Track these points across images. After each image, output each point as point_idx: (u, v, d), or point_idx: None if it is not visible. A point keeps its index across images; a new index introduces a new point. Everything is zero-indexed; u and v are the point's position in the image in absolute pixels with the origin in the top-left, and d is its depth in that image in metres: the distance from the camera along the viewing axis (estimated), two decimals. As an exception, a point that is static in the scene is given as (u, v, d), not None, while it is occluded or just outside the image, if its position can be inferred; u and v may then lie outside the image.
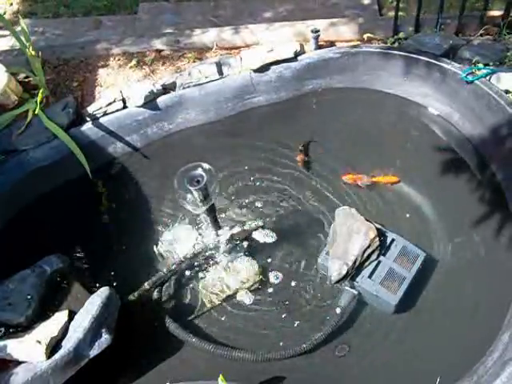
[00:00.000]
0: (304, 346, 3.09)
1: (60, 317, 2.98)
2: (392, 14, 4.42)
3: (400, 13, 4.31)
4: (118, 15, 4.99)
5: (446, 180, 3.83)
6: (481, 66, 3.90)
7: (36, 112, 3.80)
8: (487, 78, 3.84)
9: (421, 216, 3.64)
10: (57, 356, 2.77)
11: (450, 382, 2.93)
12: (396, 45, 4.26)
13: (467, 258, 3.45)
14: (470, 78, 3.85)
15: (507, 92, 3.76)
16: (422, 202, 3.70)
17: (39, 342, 2.77)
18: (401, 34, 4.31)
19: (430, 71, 4.04)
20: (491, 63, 3.93)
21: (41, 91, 3.90)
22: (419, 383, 3.05)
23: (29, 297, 3.04)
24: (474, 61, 3.94)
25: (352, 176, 3.79)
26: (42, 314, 3.03)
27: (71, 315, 2.98)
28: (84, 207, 3.88)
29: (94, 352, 2.89)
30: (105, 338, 2.92)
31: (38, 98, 3.85)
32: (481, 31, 4.24)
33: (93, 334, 2.88)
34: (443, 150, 3.97)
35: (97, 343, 2.90)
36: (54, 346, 2.82)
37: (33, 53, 3.97)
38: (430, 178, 3.84)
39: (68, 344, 2.82)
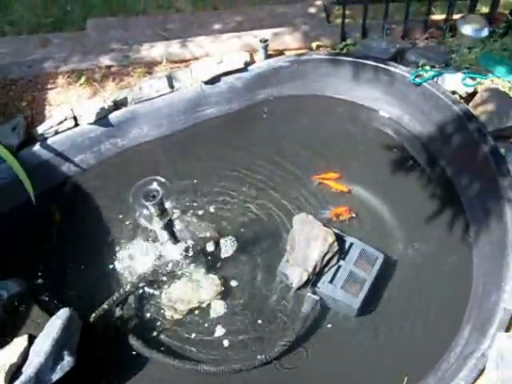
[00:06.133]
0: (269, 355, 3.09)
1: (19, 342, 2.91)
2: (339, 21, 4.48)
3: (347, 20, 4.37)
4: (65, 32, 4.92)
5: (399, 180, 3.89)
6: (427, 68, 3.99)
7: (-16, 134, 3.71)
8: (434, 79, 3.93)
9: (376, 217, 3.69)
10: (17, 383, 2.71)
11: (416, 380, 2.97)
12: (344, 51, 4.31)
13: (424, 255, 3.50)
14: (418, 80, 3.93)
15: (454, 92, 3.85)
16: (377, 203, 3.74)
17: (-2, 370, 2.71)
18: (349, 40, 4.36)
19: (379, 75, 4.11)
20: (437, 65, 4.02)
21: (-12, 113, 3.83)
22: (385, 384, 3.09)
23: (-15, 323, 2.98)
24: (420, 63, 4.02)
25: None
26: (0, 340, 2.96)
27: (31, 339, 2.92)
28: (39, 229, 3.79)
29: (56, 376, 2.83)
30: (67, 361, 2.88)
31: (-14, 120, 3.78)
32: (426, 35, 4.34)
33: (54, 357, 2.83)
34: (395, 151, 4.05)
35: (59, 366, 2.85)
36: (13, 373, 2.76)
37: (-22, 74, 3.89)
38: (384, 178, 3.90)
39: (29, 369, 2.76)
